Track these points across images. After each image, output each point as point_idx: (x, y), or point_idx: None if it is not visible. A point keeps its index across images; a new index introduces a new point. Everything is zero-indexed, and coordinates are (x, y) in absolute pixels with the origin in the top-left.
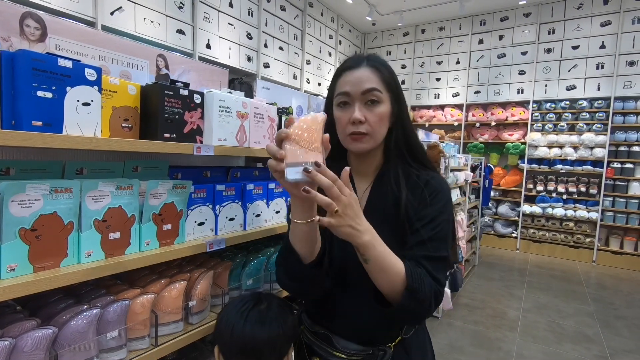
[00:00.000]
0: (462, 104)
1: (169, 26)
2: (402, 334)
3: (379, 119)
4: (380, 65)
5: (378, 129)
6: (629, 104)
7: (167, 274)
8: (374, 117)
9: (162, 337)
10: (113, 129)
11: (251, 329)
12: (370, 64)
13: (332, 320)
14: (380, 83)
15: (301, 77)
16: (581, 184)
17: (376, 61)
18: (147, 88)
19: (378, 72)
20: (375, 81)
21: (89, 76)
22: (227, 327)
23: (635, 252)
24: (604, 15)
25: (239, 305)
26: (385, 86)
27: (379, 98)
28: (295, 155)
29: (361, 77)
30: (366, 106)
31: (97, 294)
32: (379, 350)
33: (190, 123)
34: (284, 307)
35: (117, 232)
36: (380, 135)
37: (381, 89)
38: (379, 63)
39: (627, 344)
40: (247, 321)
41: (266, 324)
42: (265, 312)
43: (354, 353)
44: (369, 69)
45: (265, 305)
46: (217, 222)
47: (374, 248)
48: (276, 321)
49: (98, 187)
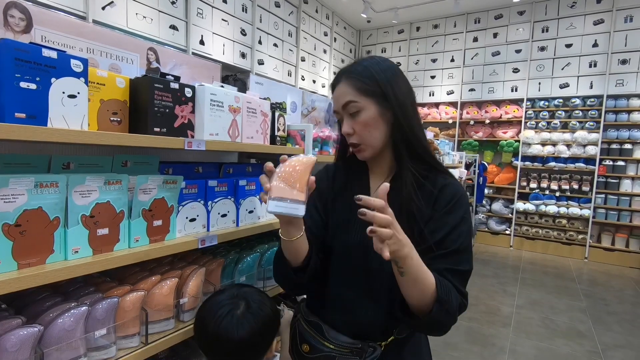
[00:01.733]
0: (456, 101)
1: (162, 22)
2: (395, 334)
3: (364, 126)
4: (356, 75)
5: (367, 135)
6: (621, 102)
7: (158, 271)
8: (358, 126)
9: (153, 335)
10: (101, 123)
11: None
12: (346, 77)
13: (326, 311)
14: (354, 93)
15: (296, 74)
16: (574, 181)
17: (352, 72)
18: (136, 81)
19: (352, 82)
20: (350, 93)
21: (75, 67)
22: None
23: (627, 249)
24: (597, 14)
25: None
26: (362, 93)
27: (357, 107)
28: (279, 191)
29: (339, 93)
30: (352, 118)
31: (85, 291)
32: (369, 347)
33: (181, 117)
34: (262, 303)
35: (105, 228)
36: (374, 140)
37: (357, 99)
38: (356, 72)
39: (618, 339)
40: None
41: (244, 326)
42: (241, 315)
43: (342, 345)
44: (344, 83)
45: (240, 311)
46: (209, 218)
47: (411, 259)
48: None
49: (85, 182)
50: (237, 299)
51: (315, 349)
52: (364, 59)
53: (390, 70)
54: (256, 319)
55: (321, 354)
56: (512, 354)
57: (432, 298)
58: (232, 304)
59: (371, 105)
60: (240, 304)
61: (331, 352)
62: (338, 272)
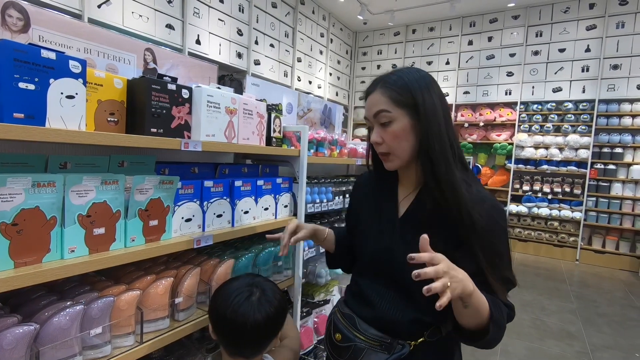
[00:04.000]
0: (451, 104)
1: (158, 21)
2: (425, 336)
3: (393, 137)
4: (392, 85)
5: (397, 146)
6: (612, 106)
7: (153, 270)
8: (388, 136)
9: (148, 334)
10: (98, 123)
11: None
12: (381, 86)
13: (359, 305)
14: (388, 103)
15: (292, 75)
16: (566, 184)
17: (388, 81)
18: (133, 82)
19: (387, 92)
20: (383, 102)
21: (73, 68)
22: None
23: (617, 251)
24: (589, 19)
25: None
26: (395, 104)
27: (389, 118)
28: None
29: (372, 101)
30: (382, 127)
31: (81, 290)
32: (398, 344)
33: (177, 118)
34: (274, 290)
35: (101, 227)
36: (402, 151)
37: (390, 109)
38: (391, 82)
39: (607, 340)
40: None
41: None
42: (258, 301)
43: (372, 337)
44: (379, 92)
45: (256, 297)
46: (204, 218)
47: (475, 294)
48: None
49: (82, 181)
50: (252, 286)
51: (347, 338)
52: (400, 68)
53: (424, 80)
54: (270, 305)
55: (352, 343)
56: (504, 355)
57: (487, 320)
58: (248, 291)
59: (403, 116)
60: (256, 291)
61: (361, 343)
62: (368, 274)
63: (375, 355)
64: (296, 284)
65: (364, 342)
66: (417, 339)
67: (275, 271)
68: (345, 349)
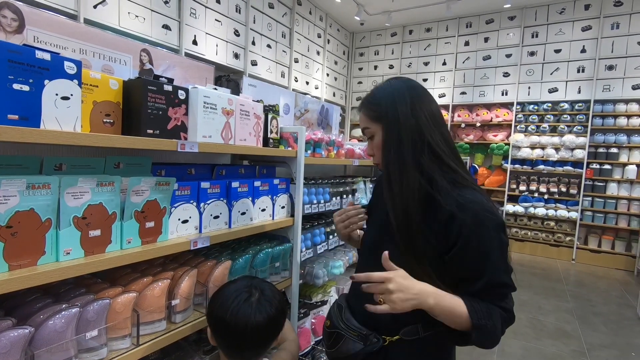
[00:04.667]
0: (448, 104)
1: (155, 21)
2: (401, 334)
3: (378, 148)
4: (368, 103)
5: (380, 156)
6: (607, 106)
7: (149, 272)
8: (375, 148)
9: (144, 336)
10: (94, 124)
11: (243, 323)
12: (363, 104)
13: (352, 296)
14: (367, 120)
15: (289, 76)
16: (562, 184)
17: (366, 100)
18: (129, 83)
19: (365, 110)
20: (364, 120)
21: (68, 69)
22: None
23: (612, 251)
24: (585, 20)
25: (233, 297)
26: (372, 120)
27: (371, 133)
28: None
29: (360, 119)
30: (370, 141)
31: (76, 292)
32: (374, 337)
33: (174, 119)
34: (273, 291)
35: (97, 229)
36: None
37: (369, 125)
38: (368, 101)
39: (603, 339)
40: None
41: (261, 312)
42: (258, 302)
43: (352, 327)
44: (362, 111)
45: (256, 297)
46: (201, 219)
47: (438, 305)
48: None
49: (78, 183)
50: (250, 287)
51: (333, 325)
52: (378, 85)
53: (393, 94)
54: (271, 305)
55: (336, 330)
56: (500, 354)
57: (469, 325)
58: (247, 292)
59: (380, 130)
60: (255, 292)
61: (342, 332)
62: (361, 267)
63: (352, 344)
64: (294, 285)
65: (345, 330)
66: (393, 335)
67: (273, 272)
68: (330, 335)
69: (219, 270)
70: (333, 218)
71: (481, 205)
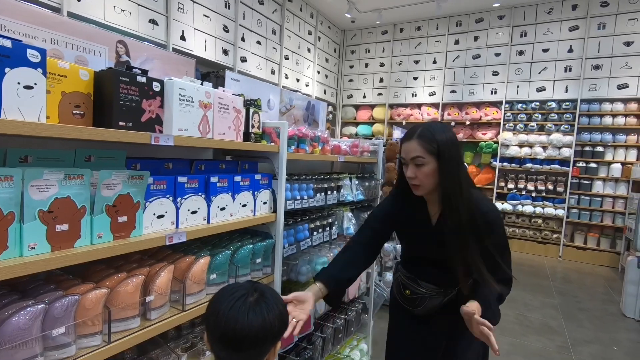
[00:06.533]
0: (438, 102)
1: (141, 16)
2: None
3: (425, 175)
4: (424, 137)
5: (426, 181)
6: (593, 106)
7: (125, 268)
8: (421, 174)
9: (116, 333)
10: (63, 116)
11: (234, 319)
12: (417, 137)
13: (416, 271)
14: (423, 151)
15: (279, 73)
16: (549, 182)
17: (423, 135)
18: (100, 74)
19: (422, 143)
20: (419, 151)
21: (31, 57)
22: (213, 313)
23: (598, 248)
24: (572, 20)
25: (229, 293)
26: (428, 152)
27: (422, 162)
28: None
29: (410, 147)
30: (416, 167)
31: (45, 289)
32: (449, 290)
33: (148, 112)
34: (277, 298)
35: (65, 223)
36: (429, 184)
37: (423, 155)
38: (426, 136)
39: (588, 334)
40: (231, 310)
41: (256, 313)
42: (253, 303)
43: (431, 289)
44: (416, 141)
45: (253, 298)
46: (178, 214)
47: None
48: (267, 310)
49: (43, 176)
50: (252, 289)
51: (414, 292)
52: (431, 124)
53: (447, 136)
54: (269, 310)
55: (418, 295)
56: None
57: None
58: (246, 292)
59: (432, 161)
60: (254, 293)
61: (424, 295)
62: (416, 257)
63: (436, 300)
64: (276, 281)
65: (427, 294)
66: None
67: (254, 269)
68: (414, 300)
69: (197, 266)
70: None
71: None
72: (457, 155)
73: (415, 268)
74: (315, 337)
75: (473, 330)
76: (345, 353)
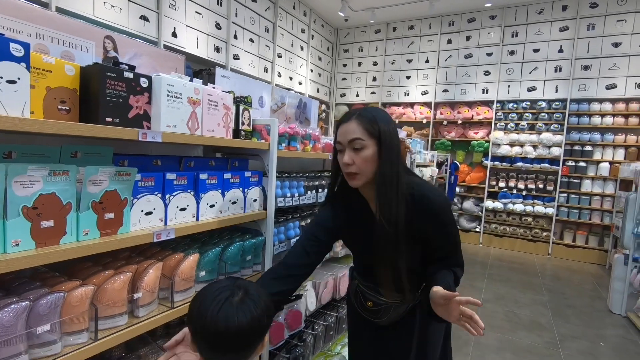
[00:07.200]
0: (430, 102)
1: (132, 12)
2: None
3: (363, 161)
4: (365, 118)
5: (364, 168)
6: (583, 105)
7: (112, 266)
8: (359, 159)
9: (103, 330)
10: (48, 111)
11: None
12: (357, 117)
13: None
14: (363, 132)
15: (272, 71)
16: (539, 181)
17: (363, 115)
18: (87, 69)
19: (362, 123)
20: (359, 132)
21: (14, 52)
22: (200, 317)
23: (586, 245)
24: (562, 21)
25: (213, 295)
26: (368, 134)
27: (362, 145)
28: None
29: (348, 129)
30: (354, 152)
31: (31, 286)
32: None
33: (136, 108)
34: (259, 291)
35: (50, 220)
36: (368, 171)
37: (363, 137)
38: (365, 117)
39: (575, 330)
40: (220, 313)
41: (244, 312)
42: (239, 303)
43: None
44: (355, 122)
45: (239, 297)
46: (166, 211)
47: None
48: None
49: (27, 171)
50: (235, 287)
51: (377, 303)
52: (372, 107)
53: (387, 118)
54: (256, 305)
55: (382, 305)
56: (476, 346)
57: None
58: (230, 291)
59: (372, 145)
60: (239, 292)
61: (387, 304)
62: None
63: (400, 308)
64: None
65: (390, 302)
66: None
67: (244, 266)
68: (377, 311)
69: (186, 264)
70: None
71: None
72: (398, 145)
73: (373, 277)
74: (306, 335)
75: (451, 313)
76: (336, 350)
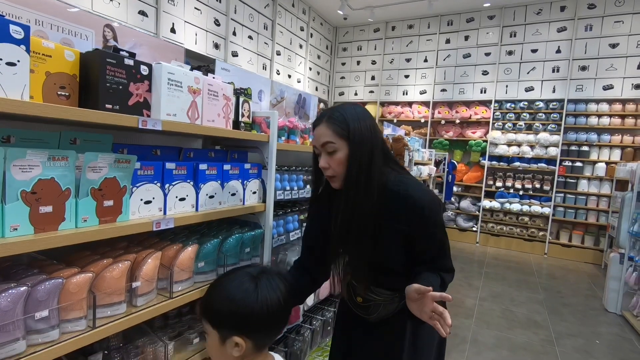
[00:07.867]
0: (429, 101)
1: (130, 6)
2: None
3: (338, 163)
4: (335, 120)
5: (339, 170)
6: (580, 106)
7: (110, 255)
8: (334, 162)
9: (102, 319)
10: (47, 96)
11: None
12: (327, 120)
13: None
14: (333, 135)
15: (271, 68)
16: (536, 180)
17: (332, 117)
18: (87, 55)
19: (331, 126)
20: (329, 135)
21: (14, 34)
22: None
23: (582, 245)
24: (560, 21)
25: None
26: (338, 136)
27: (333, 148)
28: None
29: (319, 132)
30: (328, 155)
31: (28, 273)
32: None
33: (136, 95)
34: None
35: (48, 205)
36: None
37: (334, 140)
38: (334, 118)
39: (571, 328)
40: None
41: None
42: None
43: (384, 295)
44: (325, 125)
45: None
46: (166, 201)
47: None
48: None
49: (26, 156)
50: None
51: (367, 300)
52: (342, 105)
53: (357, 115)
54: (279, 279)
55: (371, 302)
56: (473, 344)
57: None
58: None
59: (344, 147)
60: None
61: (377, 300)
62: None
63: (390, 305)
64: None
65: (379, 300)
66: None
67: (243, 258)
68: (367, 307)
69: (185, 254)
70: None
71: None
72: (371, 140)
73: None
74: (304, 329)
75: (423, 309)
76: None
